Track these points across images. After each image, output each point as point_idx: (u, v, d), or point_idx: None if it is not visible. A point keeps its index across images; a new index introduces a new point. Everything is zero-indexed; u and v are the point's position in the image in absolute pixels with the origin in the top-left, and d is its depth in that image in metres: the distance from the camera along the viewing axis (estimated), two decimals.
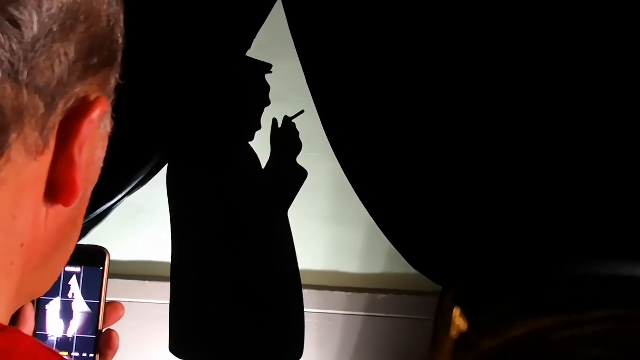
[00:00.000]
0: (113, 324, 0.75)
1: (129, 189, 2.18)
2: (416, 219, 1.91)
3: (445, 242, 1.88)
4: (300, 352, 2.32)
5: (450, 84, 1.77)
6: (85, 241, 0.51)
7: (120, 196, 2.17)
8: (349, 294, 3.14)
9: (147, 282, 3.10)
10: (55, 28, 0.40)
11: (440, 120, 1.81)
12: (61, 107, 0.42)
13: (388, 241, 2.01)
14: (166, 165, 2.27)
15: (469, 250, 1.83)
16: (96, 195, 0.51)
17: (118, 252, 2.96)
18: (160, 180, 2.28)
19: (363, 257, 3.15)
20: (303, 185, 2.33)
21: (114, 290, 0.75)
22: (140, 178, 2.19)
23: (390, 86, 1.83)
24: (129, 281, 3.05)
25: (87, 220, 2.08)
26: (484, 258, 1.75)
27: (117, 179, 2.09)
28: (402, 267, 2.25)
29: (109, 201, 2.13)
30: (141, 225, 3.12)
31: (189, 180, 2.24)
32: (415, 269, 2.00)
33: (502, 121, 1.73)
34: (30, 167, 0.42)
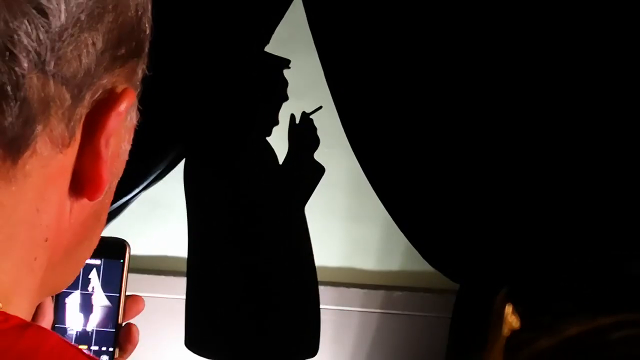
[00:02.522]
0: (133, 317, 0.74)
1: (145, 183, 2.18)
2: (433, 216, 1.90)
3: (463, 239, 1.87)
4: (315, 348, 2.31)
5: (468, 82, 1.76)
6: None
7: (136, 190, 2.18)
8: (365, 290, 3.12)
9: (163, 276, 3.10)
10: (83, 17, 0.39)
11: (458, 117, 1.80)
12: (88, 99, 0.41)
13: (405, 238, 2.00)
14: (183, 160, 2.27)
15: (486, 247, 1.82)
16: None
17: (134, 247, 2.94)
18: (177, 175, 2.28)
19: (379, 254, 3.14)
20: (320, 182, 2.32)
21: (130, 284, 0.74)
22: (157, 172, 2.20)
23: (409, 83, 1.82)
24: (145, 275, 3.06)
25: None
26: (505, 255, 1.74)
27: (134, 174, 2.09)
28: (419, 264, 2.24)
29: (125, 195, 2.13)
30: (158, 220, 3.12)
31: (205, 175, 2.23)
32: (432, 266, 2.00)
33: (526, 117, 1.72)
34: (56, 159, 0.41)
